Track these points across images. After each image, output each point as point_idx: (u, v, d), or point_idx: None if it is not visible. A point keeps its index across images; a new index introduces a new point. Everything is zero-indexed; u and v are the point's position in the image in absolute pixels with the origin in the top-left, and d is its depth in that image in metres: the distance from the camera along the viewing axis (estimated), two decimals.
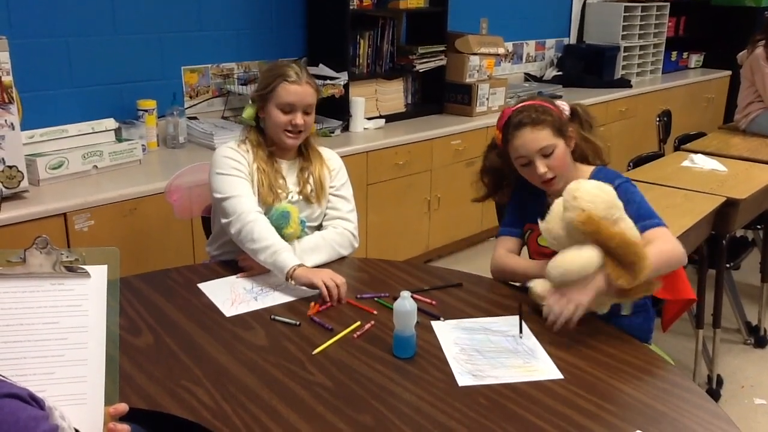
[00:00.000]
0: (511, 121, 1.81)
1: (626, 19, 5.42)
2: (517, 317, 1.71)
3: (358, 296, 1.84)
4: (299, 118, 1.99)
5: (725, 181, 2.94)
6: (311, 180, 2.09)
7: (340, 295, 1.79)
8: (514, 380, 1.46)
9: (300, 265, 1.85)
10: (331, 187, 2.13)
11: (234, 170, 2.00)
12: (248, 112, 2.08)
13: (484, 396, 1.41)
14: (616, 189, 1.71)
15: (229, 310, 1.76)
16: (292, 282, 1.84)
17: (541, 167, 1.78)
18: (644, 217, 1.75)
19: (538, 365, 1.52)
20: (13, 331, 1.11)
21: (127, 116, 3.12)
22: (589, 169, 1.89)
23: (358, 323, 1.69)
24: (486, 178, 2.01)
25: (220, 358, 1.54)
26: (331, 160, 2.16)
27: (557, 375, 1.48)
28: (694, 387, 1.47)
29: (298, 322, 1.69)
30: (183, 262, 2.14)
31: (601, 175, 1.84)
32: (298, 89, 1.99)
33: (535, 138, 1.77)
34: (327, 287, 1.78)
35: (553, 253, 1.72)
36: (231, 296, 1.83)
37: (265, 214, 2.00)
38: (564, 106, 1.88)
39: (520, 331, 1.65)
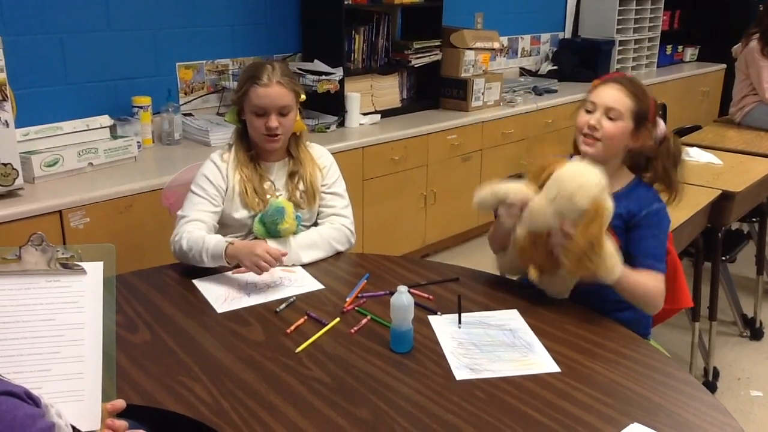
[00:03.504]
0: (612, 75, 1.88)
1: (621, 12, 5.43)
2: (515, 311, 1.72)
3: (357, 295, 1.83)
4: (273, 121, 1.97)
5: (721, 174, 2.95)
6: (301, 184, 2.07)
7: (271, 263, 1.80)
8: (511, 374, 1.46)
9: (230, 243, 1.87)
10: (323, 185, 2.11)
11: (201, 189, 2.01)
12: (230, 116, 2.08)
13: (482, 390, 1.41)
14: (651, 211, 1.75)
15: (221, 307, 1.76)
16: (227, 261, 1.87)
17: (594, 117, 1.80)
18: (651, 257, 1.76)
19: (535, 359, 1.52)
20: (9, 329, 1.11)
21: (122, 113, 3.11)
22: (630, 176, 1.87)
23: (337, 320, 1.69)
24: None
25: (217, 354, 1.54)
26: (322, 158, 2.14)
27: (554, 368, 1.48)
28: (690, 379, 1.47)
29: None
30: None
31: (641, 189, 1.83)
32: (269, 92, 1.95)
33: (612, 94, 1.80)
34: (256, 265, 1.80)
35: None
36: (224, 293, 1.83)
37: (257, 213, 2.01)
38: (662, 125, 1.87)
39: (459, 321, 1.67)
